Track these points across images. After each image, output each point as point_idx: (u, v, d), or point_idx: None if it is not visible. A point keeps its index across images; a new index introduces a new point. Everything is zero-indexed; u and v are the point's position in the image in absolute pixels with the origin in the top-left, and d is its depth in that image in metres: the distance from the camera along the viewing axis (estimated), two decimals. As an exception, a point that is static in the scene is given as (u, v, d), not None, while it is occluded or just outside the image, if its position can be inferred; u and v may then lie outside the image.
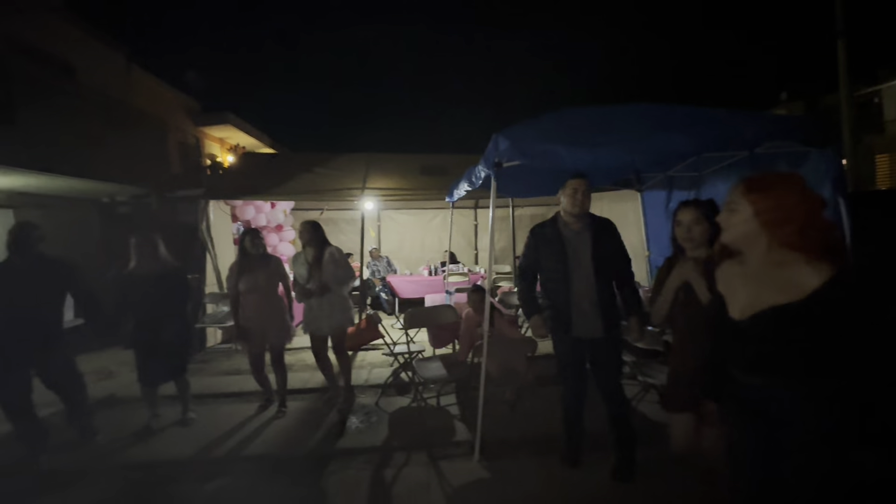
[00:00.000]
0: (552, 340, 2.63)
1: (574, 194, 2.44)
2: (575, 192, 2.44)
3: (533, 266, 2.65)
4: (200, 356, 5.51)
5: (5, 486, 2.83)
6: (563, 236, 2.51)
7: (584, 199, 2.45)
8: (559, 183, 2.54)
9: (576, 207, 2.45)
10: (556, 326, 2.54)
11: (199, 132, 12.47)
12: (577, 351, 2.51)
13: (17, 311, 3.03)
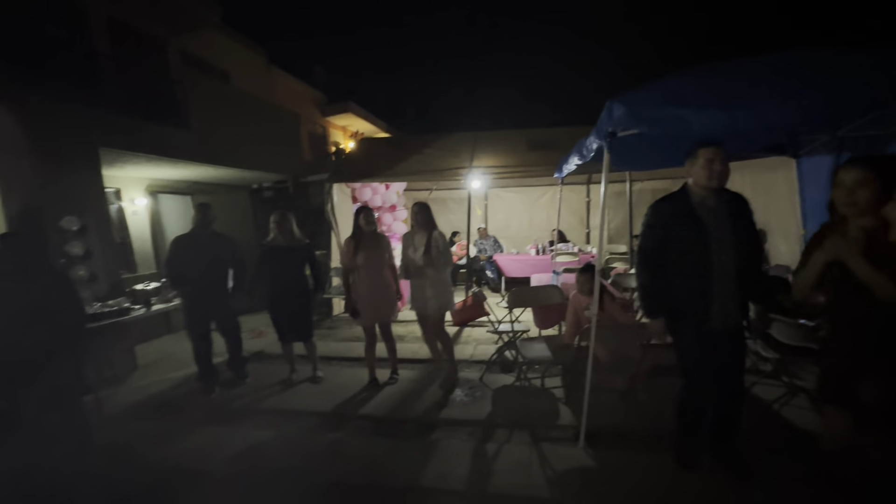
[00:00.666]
0: (676, 332, 2.32)
1: (710, 165, 2.08)
2: (710, 162, 2.08)
3: (659, 249, 2.24)
4: (328, 323, 6.22)
5: (186, 413, 3.58)
6: (699, 214, 2.16)
7: (722, 171, 2.09)
8: (684, 153, 2.22)
9: (713, 180, 2.09)
10: (684, 318, 2.23)
11: (325, 122, 13.77)
12: (708, 344, 2.20)
13: (200, 274, 3.78)
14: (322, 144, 13.16)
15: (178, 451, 3.01)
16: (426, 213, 3.74)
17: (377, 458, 2.77)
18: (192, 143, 6.07)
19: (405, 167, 6.47)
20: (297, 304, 4.03)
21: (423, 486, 2.43)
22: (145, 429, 3.40)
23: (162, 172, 6.70)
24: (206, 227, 3.90)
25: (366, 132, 14.52)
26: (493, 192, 8.86)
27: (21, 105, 4.15)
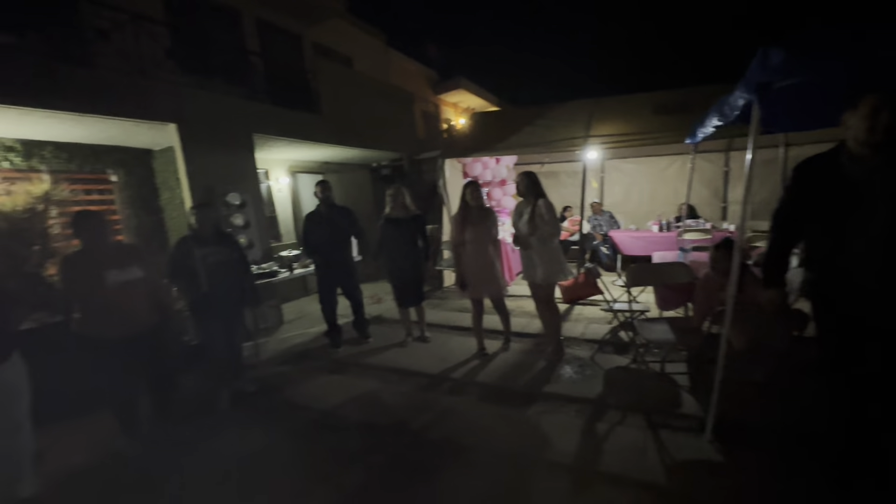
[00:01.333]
0: (818, 318, 1.99)
1: (874, 115, 1.68)
2: (875, 111, 1.68)
3: (797, 215, 1.97)
4: (439, 294, 6.53)
5: (311, 364, 4.12)
6: (848, 175, 1.78)
7: (890, 124, 1.66)
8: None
9: (876, 134, 1.69)
10: (828, 300, 1.90)
11: (437, 100, 14.09)
12: (860, 335, 1.82)
13: (326, 244, 4.26)
14: (434, 122, 13.53)
15: (305, 392, 3.52)
16: (528, 181, 3.68)
17: (485, 422, 2.88)
18: (324, 127, 6.72)
19: (516, 140, 6.34)
20: (412, 270, 4.32)
21: (529, 454, 2.47)
22: (286, 372, 4.01)
23: (300, 154, 7.59)
24: (327, 202, 4.34)
25: (476, 107, 14.52)
26: (610, 164, 8.24)
27: (197, 100, 5.03)
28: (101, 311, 2.57)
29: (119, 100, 4.16)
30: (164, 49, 4.93)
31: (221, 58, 6.38)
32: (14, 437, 2.20)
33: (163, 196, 5.69)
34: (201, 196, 4.85)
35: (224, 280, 3.32)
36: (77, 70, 3.94)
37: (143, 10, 4.85)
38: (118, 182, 5.42)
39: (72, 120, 4.09)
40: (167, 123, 4.63)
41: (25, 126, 4.15)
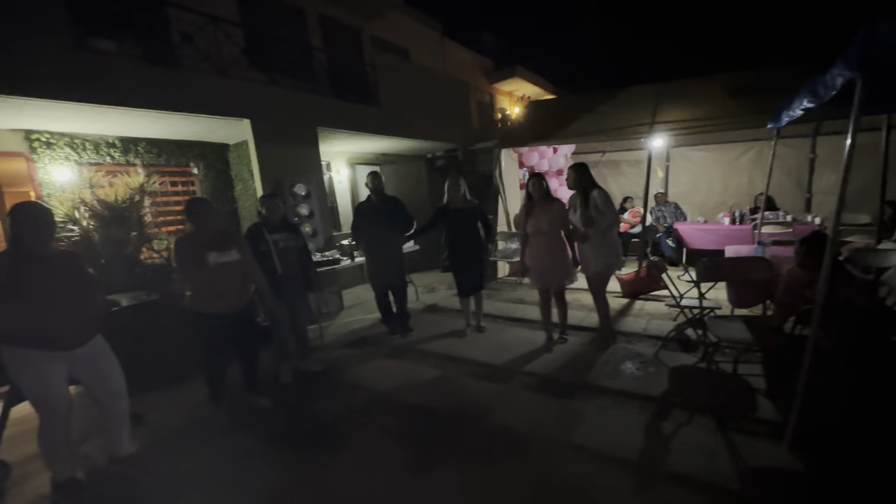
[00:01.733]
0: None
1: None
2: None
3: None
4: (493, 284, 6.53)
5: (370, 349, 4.28)
6: None
7: None
8: None
9: None
10: None
11: (492, 89, 13.92)
12: None
13: (376, 232, 4.38)
14: (489, 112, 13.40)
15: (365, 374, 3.68)
16: (576, 174, 3.65)
17: (543, 412, 2.87)
18: (382, 119, 6.88)
19: (575, 128, 6.15)
20: (473, 260, 4.36)
21: (590, 447, 2.43)
22: (348, 354, 4.21)
23: (358, 146, 7.83)
24: (378, 192, 4.44)
25: (532, 95, 14.19)
26: (677, 152, 7.77)
27: (267, 96, 5.33)
28: (206, 289, 2.85)
29: (202, 98, 4.51)
30: (240, 48, 5.25)
31: (288, 55, 6.70)
32: (120, 402, 2.49)
33: (237, 187, 6.12)
34: (270, 187, 5.17)
35: (291, 265, 3.56)
36: (167, 72, 4.32)
37: (220, 13, 5.20)
38: (198, 174, 5.90)
39: (162, 118, 4.49)
40: (242, 119, 4.96)
41: (123, 124, 4.62)
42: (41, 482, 2.50)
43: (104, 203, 4.19)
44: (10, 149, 4.36)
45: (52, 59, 3.53)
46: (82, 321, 2.31)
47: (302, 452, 2.64)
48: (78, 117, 4.19)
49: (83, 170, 4.74)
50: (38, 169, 4.48)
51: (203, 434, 2.94)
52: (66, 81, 3.59)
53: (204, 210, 2.91)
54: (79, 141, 4.73)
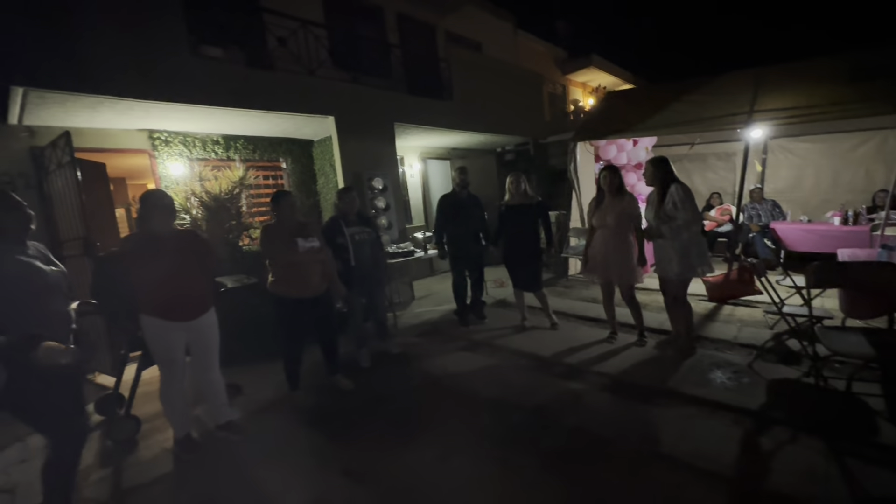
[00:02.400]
0: None
1: None
2: None
3: None
4: (564, 282, 6.37)
5: (441, 339, 4.36)
6: None
7: None
8: None
9: None
10: None
11: (564, 80, 13.48)
12: None
13: (458, 227, 4.46)
14: (561, 104, 13.01)
15: (438, 363, 3.76)
16: (654, 168, 3.44)
17: (623, 416, 2.77)
18: (455, 114, 6.95)
19: (660, 119, 5.77)
20: (530, 257, 4.35)
21: (678, 457, 2.31)
22: (420, 343, 4.34)
23: (430, 141, 7.98)
24: (464, 187, 4.52)
25: (608, 85, 13.54)
26: (776, 144, 7.02)
27: (349, 93, 5.60)
28: (293, 274, 3.08)
29: (293, 97, 4.85)
30: (326, 49, 5.56)
31: (368, 53, 6.98)
32: (213, 373, 2.77)
33: (319, 181, 6.52)
34: (350, 181, 5.45)
35: (365, 257, 3.73)
36: (264, 74, 4.69)
37: (309, 17, 5.53)
38: (286, 168, 6.36)
39: (258, 116, 4.90)
40: (327, 116, 5.26)
41: (226, 123, 5.11)
42: (165, 437, 2.87)
43: (210, 194, 4.67)
44: (136, 146, 5.00)
45: (174, 67, 3.99)
46: (199, 295, 2.61)
47: (381, 434, 2.78)
48: (190, 118, 4.69)
49: (193, 164, 5.31)
50: (158, 164, 5.09)
51: (292, 410, 3.19)
52: (184, 86, 4.03)
53: (292, 201, 3.16)
54: (190, 139, 5.30)
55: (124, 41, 3.70)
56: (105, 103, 3.85)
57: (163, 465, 2.63)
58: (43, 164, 4.27)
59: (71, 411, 1.98)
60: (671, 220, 3.34)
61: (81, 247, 3.81)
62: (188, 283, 2.53)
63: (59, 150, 3.90)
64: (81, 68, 3.49)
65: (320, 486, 2.31)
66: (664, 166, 3.46)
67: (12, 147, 4.21)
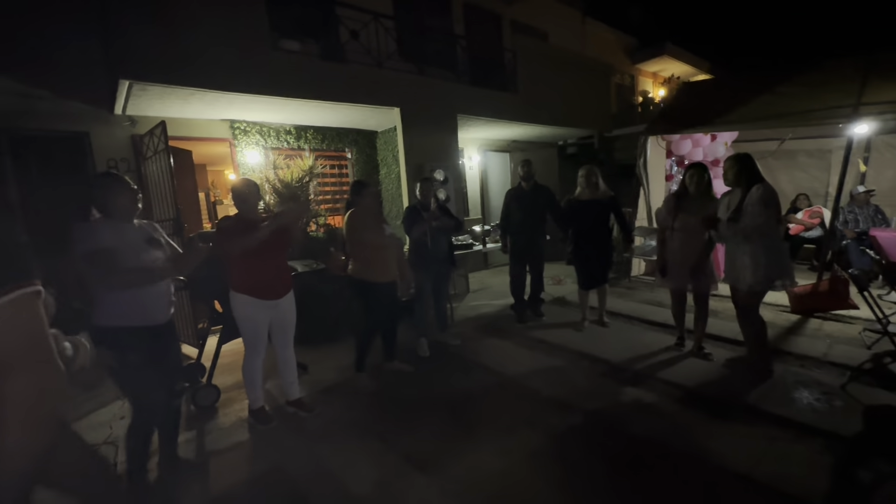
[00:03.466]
0: None
1: None
2: None
3: None
4: (626, 283, 6.11)
5: (498, 333, 4.32)
6: None
7: None
8: None
9: None
10: None
11: (634, 70, 12.78)
12: None
13: (522, 221, 4.39)
14: (628, 95, 12.36)
15: (495, 358, 3.74)
16: (742, 164, 3.10)
17: (692, 428, 2.62)
18: (519, 106, 6.81)
19: (743, 112, 5.31)
20: (599, 254, 4.22)
21: (758, 479, 2.14)
22: (477, 336, 4.34)
23: (491, 133, 7.89)
24: (529, 180, 4.43)
25: (682, 75, 12.68)
26: (882, 140, 6.24)
27: (414, 85, 5.66)
28: (376, 259, 3.20)
29: (362, 89, 4.98)
30: (395, 41, 5.64)
31: (434, 44, 6.99)
32: (288, 350, 2.93)
33: (381, 171, 6.67)
34: (413, 172, 5.53)
35: (440, 245, 3.80)
36: (336, 66, 4.85)
37: (380, 9, 5.62)
38: (351, 158, 6.56)
39: (329, 107, 5.07)
40: (393, 108, 5.35)
41: (298, 113, 5.34)
42: (241, 407, 3.10)
43: (283, 182, 4.93)
44: (218, 135, 5.37)
45: (257, 60, 4.22)
46: (286, 276, 2.78)
47: (442, 423, 2.82)
48: (267, 109, 4.95)
49: (267, 153, 5.63)
50: (237, 152, 5.44)
51: (354, 393, 3.32)
52: (265, 79, 4.27)
53: (375, 190, 3.31)
54: (266, 129, 5.61)
55: (216, 37, 3.96)
56: (196, 95, 4.16)
57: (239, 432, 2.84)
58: (141, 151, 4.70)
59: (149, 387, 2.13)
60: (749, 221, 3.04)
61: (171, 227, 4.16)
62: (275, 264, 2.70)
63: (156, 138, 4.27)
64: (179, 63, 3.78)
65: (382, 468, 2.39)
66: (752, 164, 3.17)
67: (117, 135, 4.66)
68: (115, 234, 2.04)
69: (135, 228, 2.18)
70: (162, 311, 2.22)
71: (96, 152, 4.54)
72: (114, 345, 1.99)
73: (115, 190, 2.09)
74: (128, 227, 2.13)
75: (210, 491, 2.32)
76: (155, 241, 2.24)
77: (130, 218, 2.17)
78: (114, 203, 2.09)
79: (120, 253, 2.01)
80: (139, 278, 2.07)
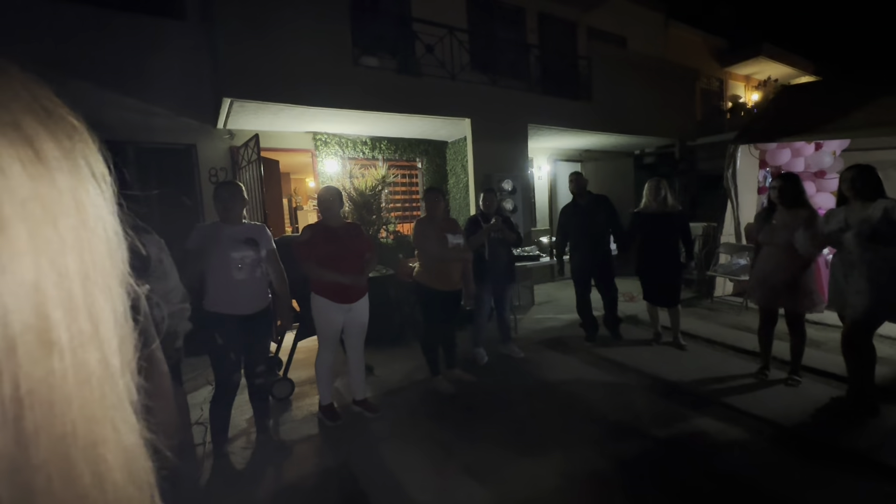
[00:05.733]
0: None
1: None
2: None
3: None
4: (707, 303, 5.63)
5: (564, 350, 4.16)
6: None
7: None
8: None
9: None
10: None
11: (722, 73, 11.85)
12: None
13: (581, 236, 4.24)
14: (715, 100, 11.47)
15: (560, 376, 3.59)
16: (865, 175, 2.74)
17: (796, 476, 2.32)
18: (593, 114, 6.60)
19: (857, 118, 4.70)
20: (666, 271, 4.00)
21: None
22: (542, 351, 4.22)
23: (562, 142, 7.72)
24: (581, 194, 4.25)
25: (781, 77, 11.53)
26: None
27: (486, 95, 5.70)
28: (440, 267, 3.27)
29: (436, 101, 5.13)
30: (468, 52, 5.74)
31: (506, 55, 7.02)
32: (359, 352, 3.06)
33: (450, 181, 6.79)
34: (481, 182, 5.56)
35: (499, 255, 3.78)
36: (412, 80, 5.05)
37: (454, 23, 5.77)
38: (421, 168, 6.76)
39: (403, 119, 5.28)
40: (464, 119, 5.43)
41: (374, 126, 5.62)
42: (311, 402, 3.29)
43: (358, 191, 5.20)
44: (302, 146, 5.80)
45: (341, 77, 4.53)
46: (363, 280, 2.92)
47: (502, 436, 2.78)
48: (346, 121, 5.27)
49: (345, 163, 5.98)
50: (318, 161, 5.84)
51: (417, 397, 3.38)
52: (347, 94, 4.56)
53: (443, 197, 3.39)
54: (344, 140, 5.97)
55: (306, 57, 4.32)
56: (285, 110, 4.54)
57: (309, 426, 3.01)
58: (237, 161, 5.21)
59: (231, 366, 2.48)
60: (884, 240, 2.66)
61: (259, 230, 4.56)
62: (352, 269, 2.84)
63: (250, 150, 4.72)
64: (273, 82, 4.17)
65: (442, 476, 2.40)
66: (875, 176, 2.79)
67: (218, 146, 5.22)
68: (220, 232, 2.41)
69: (241, 228, 2.50)
70: (251, 304, 2.49)
71: (201, 162, 5.11)
72: (211, 325, 2.39)
73: (237, 196, 2.47)
74: (235, 228, 2.47)
75: (282, 479, 2.48)
76: (251, 241, 2.49)
77: (239, 220, 2.48)
78: (231, 206, 2.44)
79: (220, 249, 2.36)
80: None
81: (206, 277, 2.42)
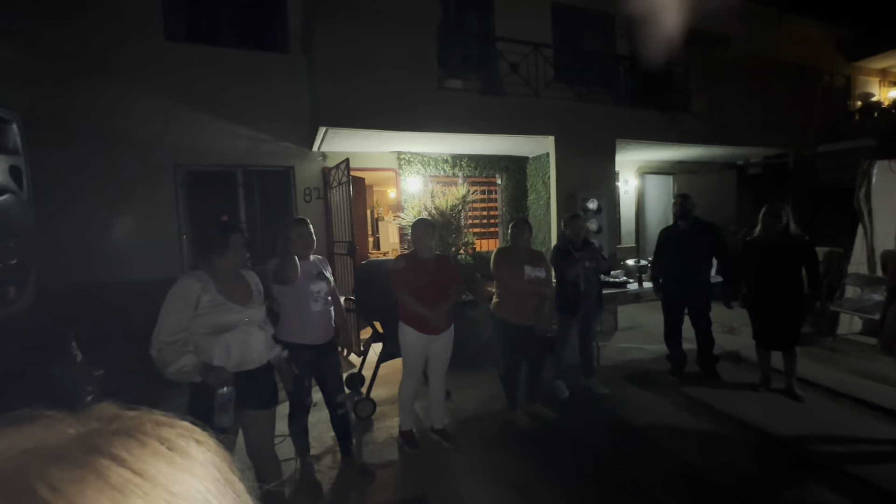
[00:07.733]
0: None
1: None
2: None
3: None
4: (829, 343, 4.90)
5: (651, 387, 3.83)
6: None
7: None
8: None
9: None
10: None
11: (850, 69, 10.28)
12: None
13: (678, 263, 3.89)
14: (840, 100, 9.97)
15: (644, 418, 3.32)
16: None
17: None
18: (690, 125, 6.08)
19: None
20: (783, 308, 3.49)
21: None
22: (625, 387, 3.94)
23: (651, 154, 7.21)
24: (685, 218, 3.88)
25: (929, 71, 9.74)
26: None
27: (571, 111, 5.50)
28: (514, 299, 3.21)
29: (519, 120, 5.06)
30: (553, 67, 5.59)
31: (593, 67, 6.72)
32: (441, 381, 3.08)
33: (530, 197, 6.65)
34: (563, 200, 5.37)
35: (591, 284, 3.62)
36: (494, 100, 5.02)
37: (539, 38, 5.64)
38: (500, 184, 6.70)
39: (484, 138, 5.28)
40: (548, 136, 5.29)
41: (456, 145, 5.69)
42: (391, 424, 3.39)
43: (438, 209, 5.29)
44: (387, 166, 6.05)
45: (426, 101, 4.66)
46: (448, 313, 2.95)
47: (585, 484, 2.63)
48: (429, 141, 5.39)
49: (427, 181, 6.12)
50: (402, 180, 6.04)
51: (494, 429, 3.33)
52: (431, 117, 4.67)
53: (527, 228, 3.30)
54: (426, 158, 6.12)
55: (393, 86, 4.51)
56: (374, 134, 4.77)
57: (390, 450, 3.09)
58: (328, 181, 5.56)
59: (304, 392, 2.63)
60: None
61: (346, 248, 4.82)
62: (438, 303, 2.88)
63: (340, 172, 5.01)
64: (363, 111, 4.41)
65: (522, 525, 2.33)
66: None
67: (312, 168, 5.62)
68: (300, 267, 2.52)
69: (313, 263, 2.64)
70: (323, 334, 2.62)
71: (297, 182, 5.54)
72: None
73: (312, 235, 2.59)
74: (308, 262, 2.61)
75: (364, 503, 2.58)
76: (322, 274, 2.62)
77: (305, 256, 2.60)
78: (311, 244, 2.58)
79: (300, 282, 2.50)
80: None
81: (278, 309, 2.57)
